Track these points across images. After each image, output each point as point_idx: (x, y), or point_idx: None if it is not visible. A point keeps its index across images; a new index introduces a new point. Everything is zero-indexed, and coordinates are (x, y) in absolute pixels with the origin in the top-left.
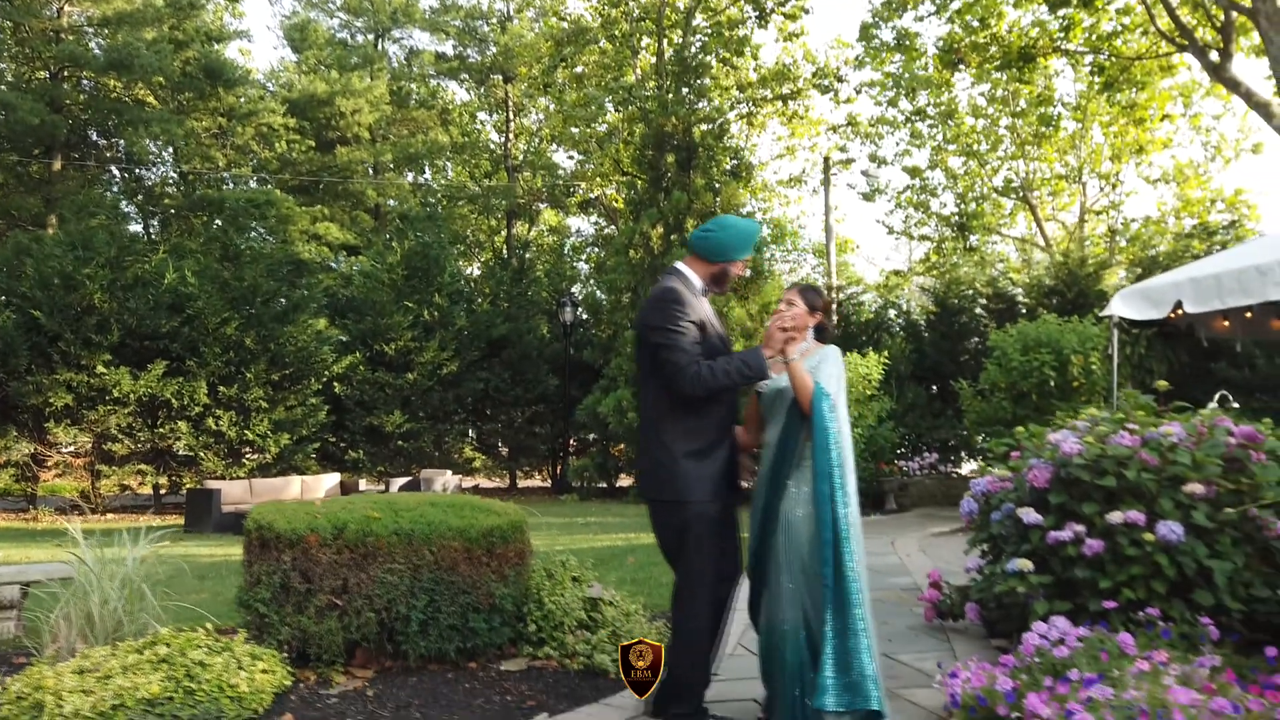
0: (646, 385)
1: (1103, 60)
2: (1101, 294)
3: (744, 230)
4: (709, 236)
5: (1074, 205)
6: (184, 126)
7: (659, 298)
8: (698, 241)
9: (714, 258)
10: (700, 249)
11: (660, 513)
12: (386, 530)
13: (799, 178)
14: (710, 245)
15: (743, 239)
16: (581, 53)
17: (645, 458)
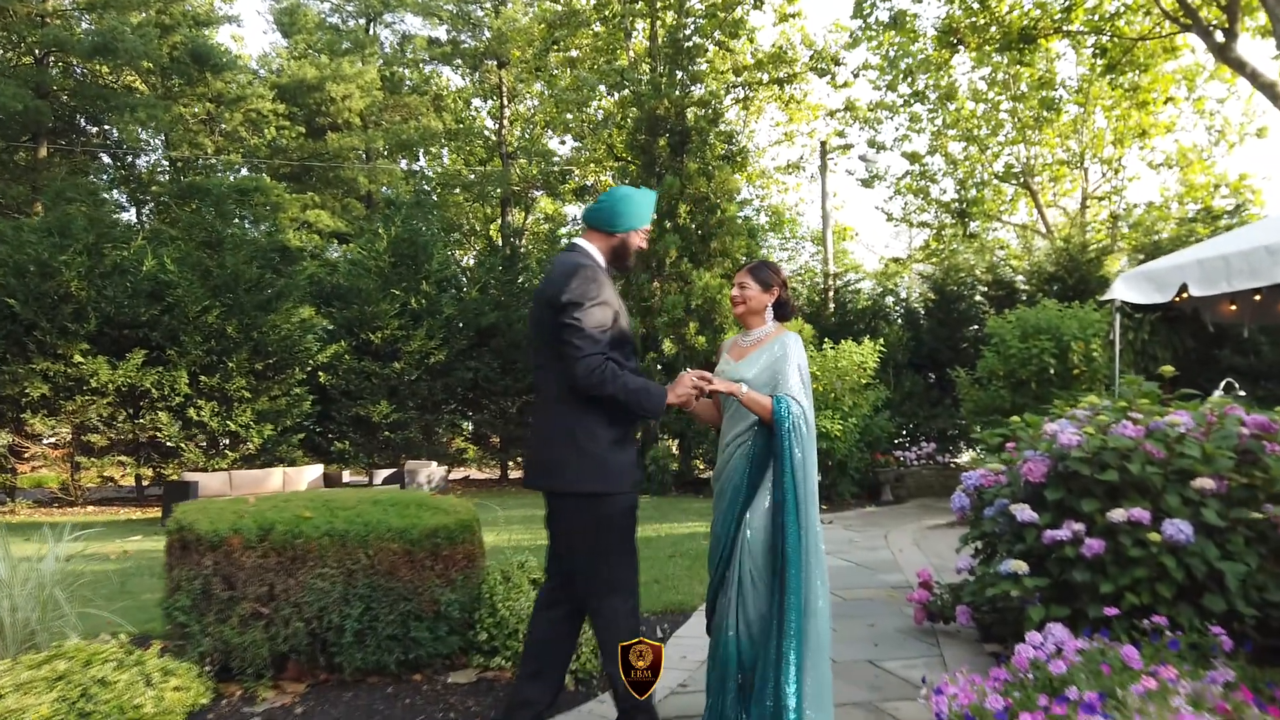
0: (550, 369)
1: (1105, 41)
2: (1103, 280)
3: (641, 197)
4: (603, 205)
5: (1076, 191)
6: (171, 112)
7: (572, 272)
8: (592, 214)
9: (612, 227)
10: (596, 220)
11: (575, 510)
12: (318, 531)
13: (797, 164)
14: (606, 214)
15: (641, 205)
16: (574, 35)
17: (555, 447)
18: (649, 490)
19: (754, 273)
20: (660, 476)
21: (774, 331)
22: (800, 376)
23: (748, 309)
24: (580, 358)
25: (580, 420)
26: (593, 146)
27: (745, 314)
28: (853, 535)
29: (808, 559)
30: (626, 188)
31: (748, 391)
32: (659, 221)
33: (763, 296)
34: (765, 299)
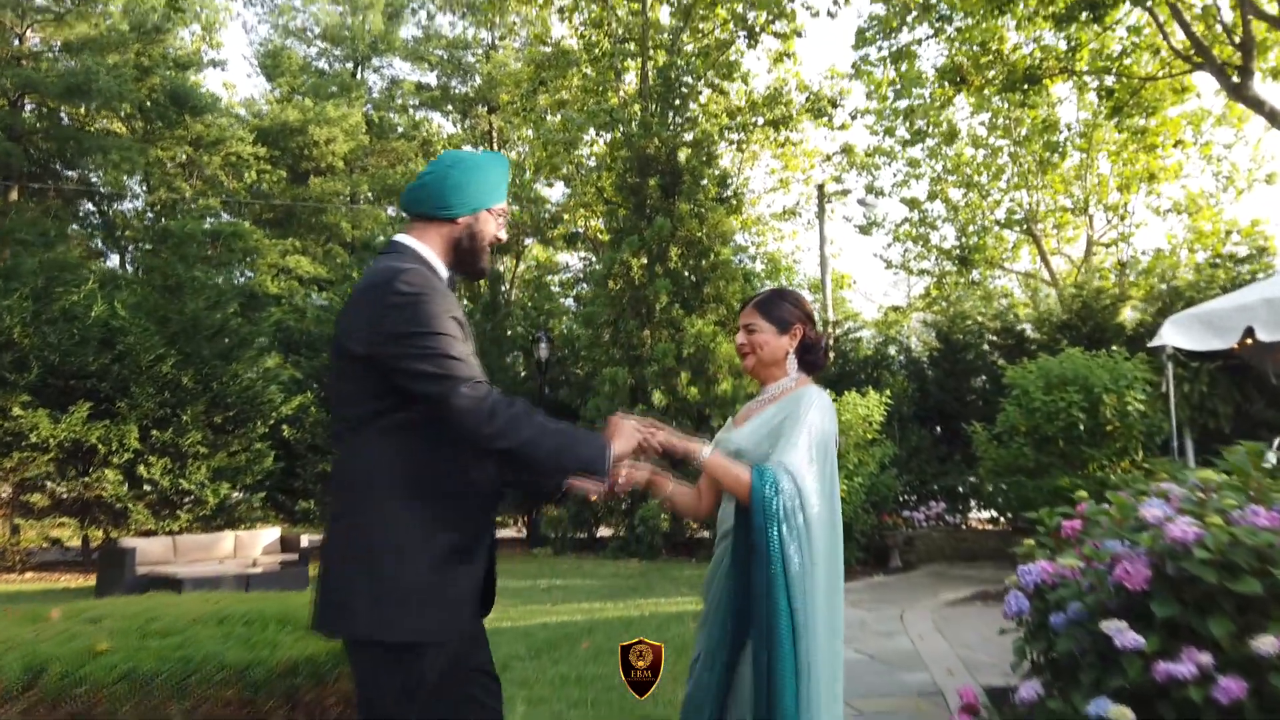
0: (357, 435)
1: (1112, 83)
2: (1120, 328)
3: (487, 161)
4: (432, 178)
5: (1080, 238)
6: (147, 155)
7: (387, 287)
8: (418, 194)
9: (449, 209)
10: (425, 203)
11: (379, 665)
12: (112, 674)
13: (793, 210)
14: (437, 192)
15: (488, 173)
16: (563, 77)
17: (348, 565)
18: (637, 553)
19: (764, 309)
20: (649, 539)
21: (795, 387)
22: (813, 445)
23: (759, 360)
24: (455, 391)
25: (395, 519)
26: (582, 190)
27: (757, 366)
28: (864, 615)
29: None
30: (463, 152)
31: (710, 455)
32: (648, 266)
33: (779, 341)
34: (783, 344)
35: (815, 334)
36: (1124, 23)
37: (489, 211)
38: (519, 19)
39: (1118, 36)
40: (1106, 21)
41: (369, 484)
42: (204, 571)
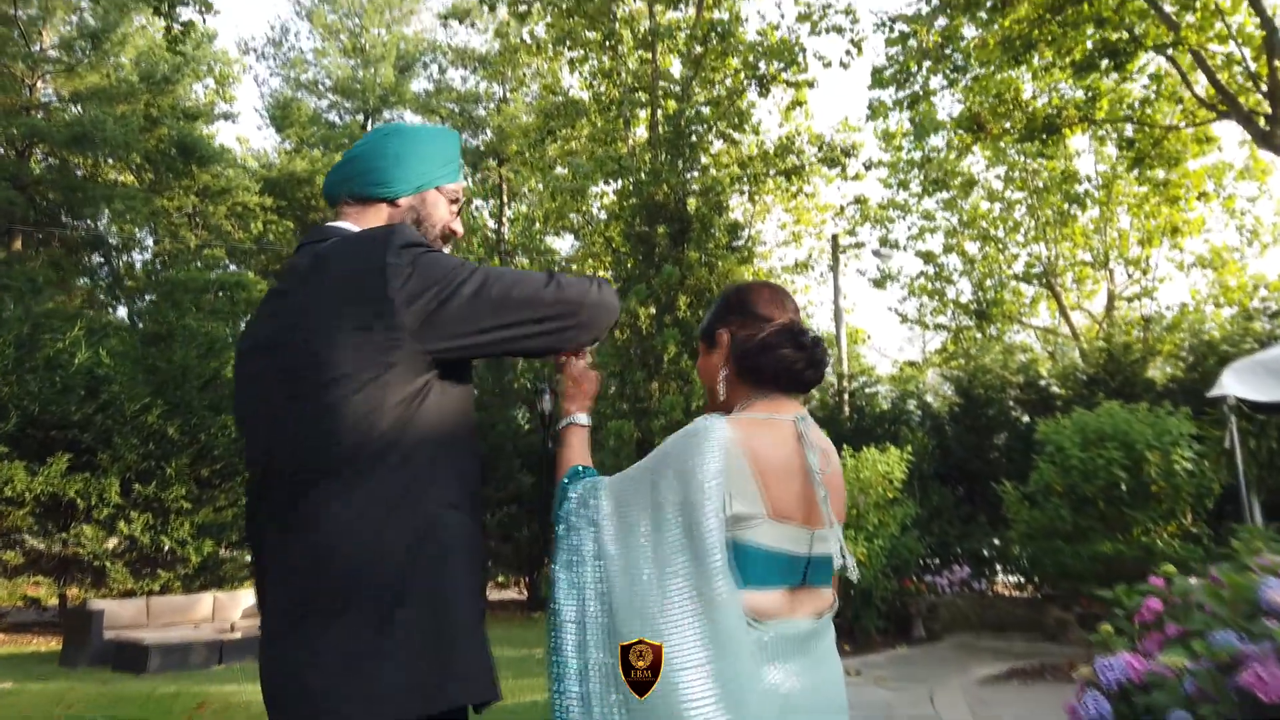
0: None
1: (1133, 133)
2: (1149, 383)
3: (434, 133)
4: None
5: (1100, 292)
6: (151, 205)
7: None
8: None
9: (392, 185)
10: (360, 180)
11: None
12: None
13: (805, 263)
14: (378, 165)
15: (438, 144)
16: (572, 126)
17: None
18: None
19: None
20: None
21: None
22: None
23: (708, 393)
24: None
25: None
26: (590, 241)
27: (711, 405)
28: (888, 695)
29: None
30: (401, 123)
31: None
32: (656, 315)
33: (709, 361)
34: (712, 363)
35: (749, 330)
36: (1145, 71)
37: (438, 191)
38: (530, 71)
39: (1139, 85)
40: (1128, 70)
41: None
42: (175, 638)
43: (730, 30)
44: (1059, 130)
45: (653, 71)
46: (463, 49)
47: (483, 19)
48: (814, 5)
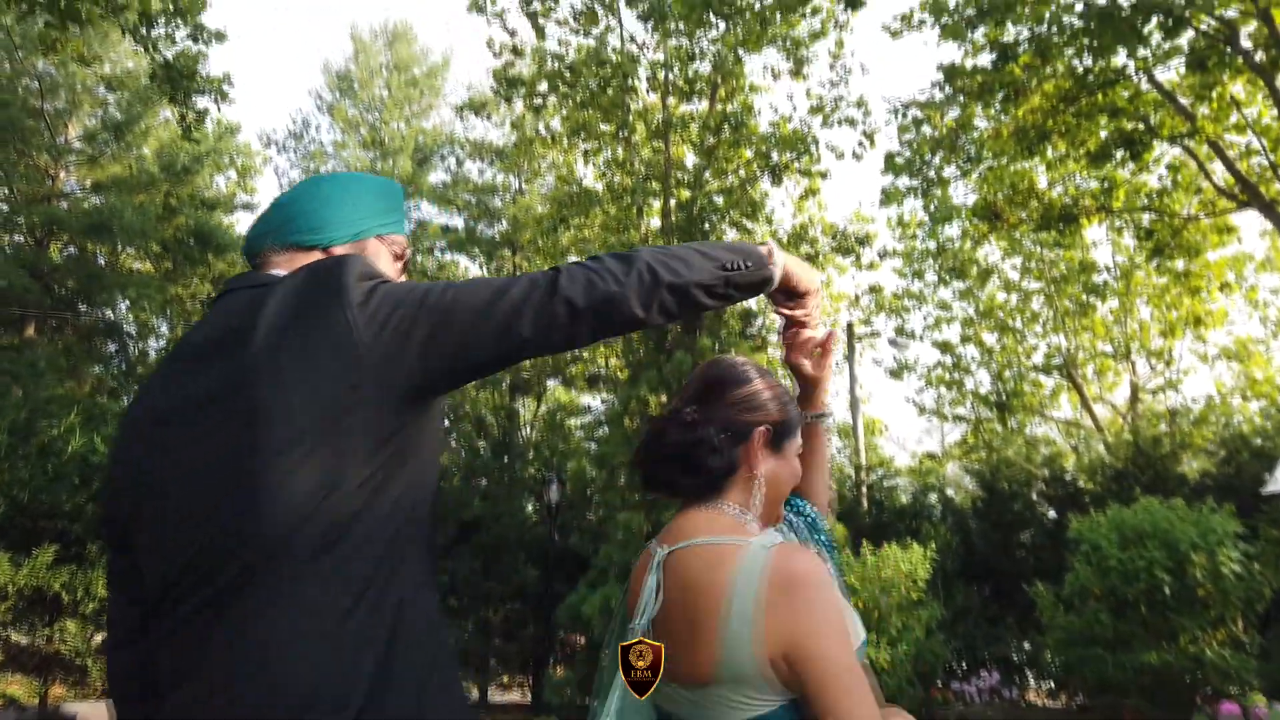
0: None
1: (1151, 223)
2: (1182, 478)
3: (375, 181)
4: (299, 193)
5: (1122, 384)
6: (166, 292)
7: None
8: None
9: (325, 232)
10: (289, 227)
11: None
12: None
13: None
14: (310, 209)
15: (378, 191)
16: (585, 215)
17: None
18: None
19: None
20: None
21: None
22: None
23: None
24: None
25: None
26: None
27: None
28: None
29: None
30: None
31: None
32: (667, 404)
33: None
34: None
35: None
36: (1161, 162)
37: (380, 241)
38: (545, 163)
39: (1156, 175)
40: (1144, 160)
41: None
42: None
43: (743, 121)
44: (1076, 220)
45: (666, 161)
46: (480, 142)
47: (499, 112)
48: (826, 98)
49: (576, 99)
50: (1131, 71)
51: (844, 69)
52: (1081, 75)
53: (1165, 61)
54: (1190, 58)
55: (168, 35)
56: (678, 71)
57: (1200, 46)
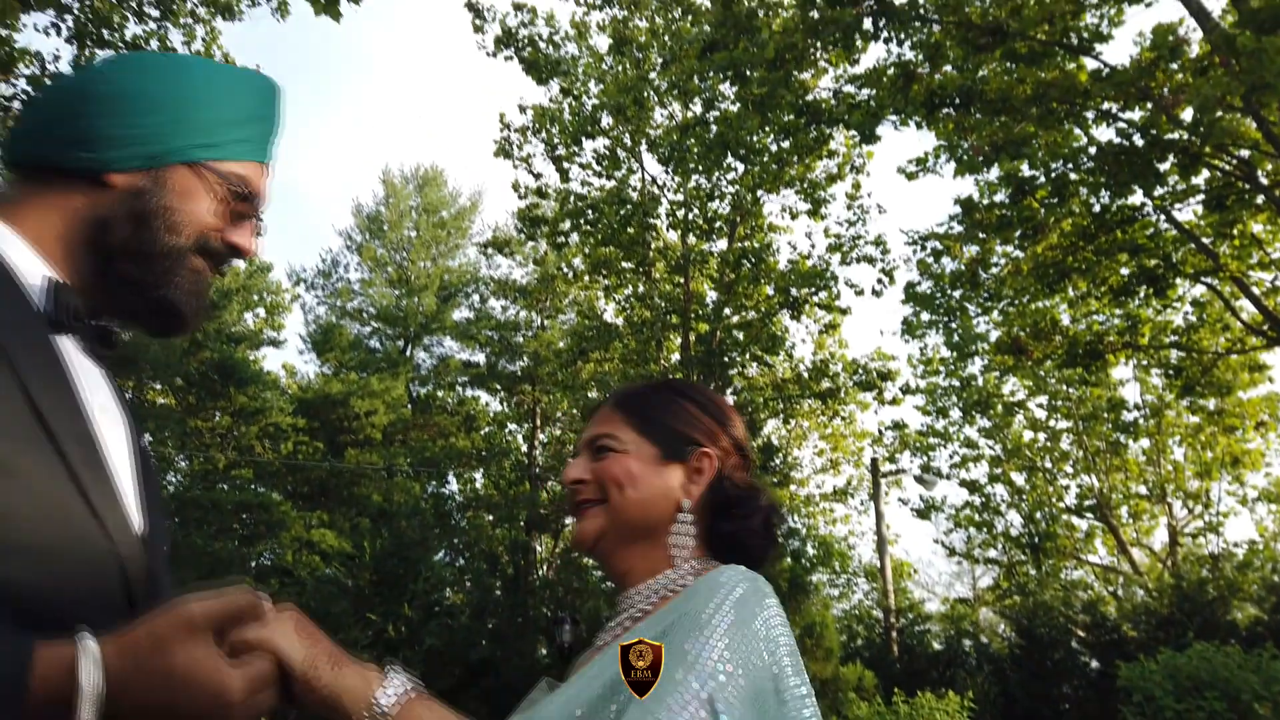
0: None
1: (1179, 360)
2: (1233, 625)
3: (215, 72)
4: (73, 83)
5: (1159, 527)
6: (185, 426)
7: None
8: (30, 118)
9: (97, 149)
10: (43, 135)
11: None
12: None
13: (844, 490)
14: (84, 110)
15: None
16: (605, 348)
17: None
18: None
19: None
20: None
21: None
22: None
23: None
24: None
25: None
26: None
27: (608, 531)
28: None
29: None
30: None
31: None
32: None
33: (659, 477)
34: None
35: (743, 475)
36: (1186, 299)
37: (197, 170)
38: (567, 300)
39: (1183, 312)
40: (1169, 297)
41: None
42: None
43: (762, 258)
44: (1101, 356)
45: (685, 296)
46: (503, 279)
47: (522, 251)
48: (844, 236)
49: (598, 236)
50: (1150, 210)
51: (861, 209)
52: (1100, 213)
53: (1183, 200)
54: (1208, 195)
55: None
56: (697, 211)
57: (1218, 184)
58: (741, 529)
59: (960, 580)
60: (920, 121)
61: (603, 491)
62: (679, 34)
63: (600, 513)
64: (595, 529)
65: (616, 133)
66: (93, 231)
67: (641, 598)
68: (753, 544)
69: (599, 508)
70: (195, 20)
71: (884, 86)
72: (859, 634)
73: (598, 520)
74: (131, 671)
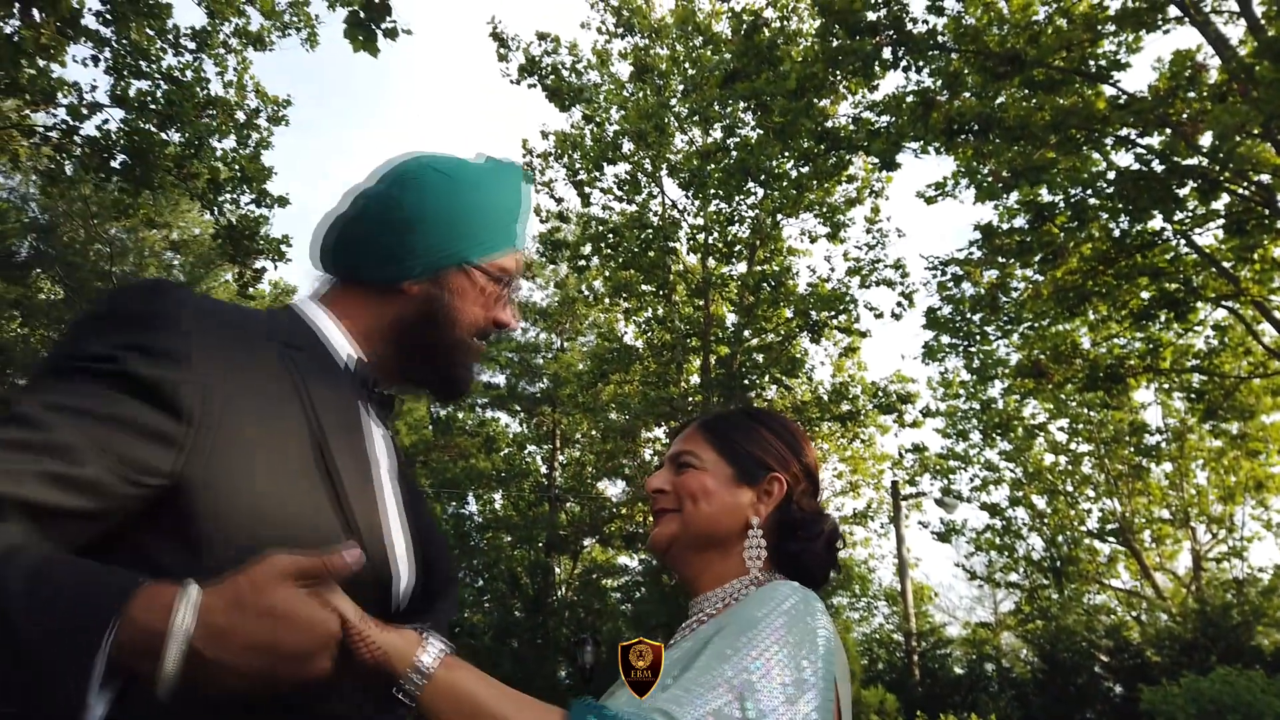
0: None
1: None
2: (1258, 651)
3: (484, 176)
4: (374, 205)
5: (1183, 552)
6: None
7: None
8: (342, 236)
9: (400, 265)
10: (353, 256)
11: None
12: None
13: (864, 513)
14: (382, 233)
15: (488, 193)
16: (626, 371)
17: None
18: None
19: (715, 431)
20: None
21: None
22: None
23: (686, 525)
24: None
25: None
26: (641, 484)
27: (682, 538)
28: None
29: None
30: (437, 157)
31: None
32: None
33: (734, 496)
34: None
35: (810, 500)
36: (1208, 323)
37: (473, 270)
38: (587, 322)
39: (1202, 335)
40: (1190, 321)
41: None
42: None
43: (781, 281)
44: (1123, 380)
45: (705, 319)
46: (524, 302)
47: (544, 274)
48: (863, 260)
49: (619, 260)
50: (1170, 234)
51: (880, 232)
52: (1119, 237)
53: (1202, 224)
54: (1228, 221)
55: (234, 200)
56: (717, 234)
57: (1237, 209)
58: (805, 550)
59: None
60: (939, 147)
61: (679, 502)
62: (699, 61)
63: (674, 520)
64: (668, 534)
65: (637, 158)
66: (392, 329)
67: (709, 603)
68: (814, 564)
69: (674, 515)
70: (227, 51)
71: (903, 114)
72: (880, 657)
73: (671, 527)
74: (233, 613)
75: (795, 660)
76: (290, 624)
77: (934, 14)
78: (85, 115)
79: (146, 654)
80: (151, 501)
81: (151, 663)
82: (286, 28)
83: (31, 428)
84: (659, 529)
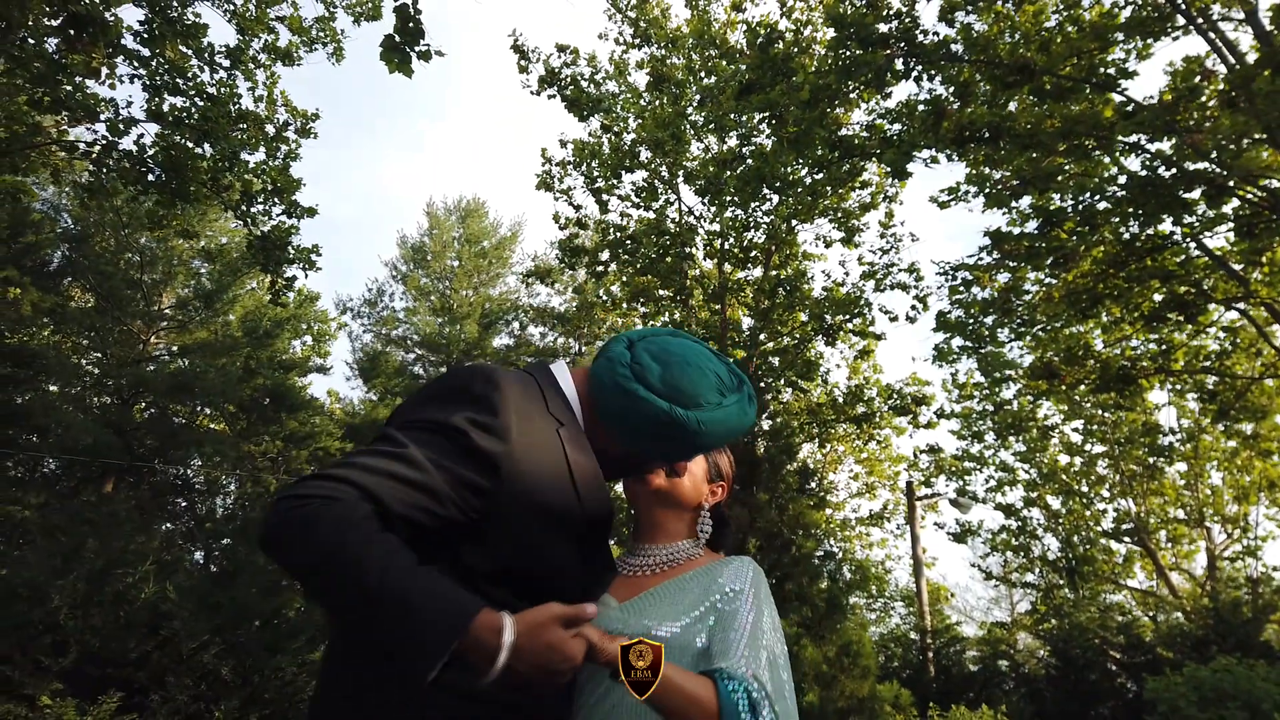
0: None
1: (1214, 384)
2: (1267, 646)
3: (725, 414)
4: (609, 394)
5: (1199, 552)
6: (238, 450)
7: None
8: (592, 383)
9: (626, 420)
10: (612, 390)
11: None
12: None
13: (880, 514)
14: (612, 411)
15: (716, 422)
16: None
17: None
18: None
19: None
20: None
21: (703, 559)
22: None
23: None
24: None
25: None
26: None
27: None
28: None
29: None
30: (690, 345)
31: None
32: None
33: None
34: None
35: (728, 502)
36: (1219, 325)
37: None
38: (605, 327)
39: (1214, 336)
40: (1201, 323)
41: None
42: None
43: (797, 286)
44: (1135, 381)
45: (722, 323)
46: (542, 308)
47: (562, 280)
48: (878, 264)
49: (637, 265)
50: (1179, 238)
51: (894, 237)
52: (1130, 240)
53: (1212, 228)
54: (1237, 224)
55: (265, 210)
56: (733, 240)
57: (1246, 213)
58: (720, 536)
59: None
60: (951, 154)
61: (675, 473)
62: (715, 71)
63: (664, 486)
64: (660, 481)
65: (655, 166)
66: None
67: (665, 553)
68: (726, 547)
69: (665, 485)
70: (257, 66)
71: (915, 122)
72: (895, 654)
73: (661, 479)
74: (527, 641)
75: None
76: (559, 653)
77: (945, 24)
78: (123, 131)
79: (481, 654)
80: (462, 524)
81: (484, 659)
82: (314, 43)
83: (394, 444)
84: (654, 476)
